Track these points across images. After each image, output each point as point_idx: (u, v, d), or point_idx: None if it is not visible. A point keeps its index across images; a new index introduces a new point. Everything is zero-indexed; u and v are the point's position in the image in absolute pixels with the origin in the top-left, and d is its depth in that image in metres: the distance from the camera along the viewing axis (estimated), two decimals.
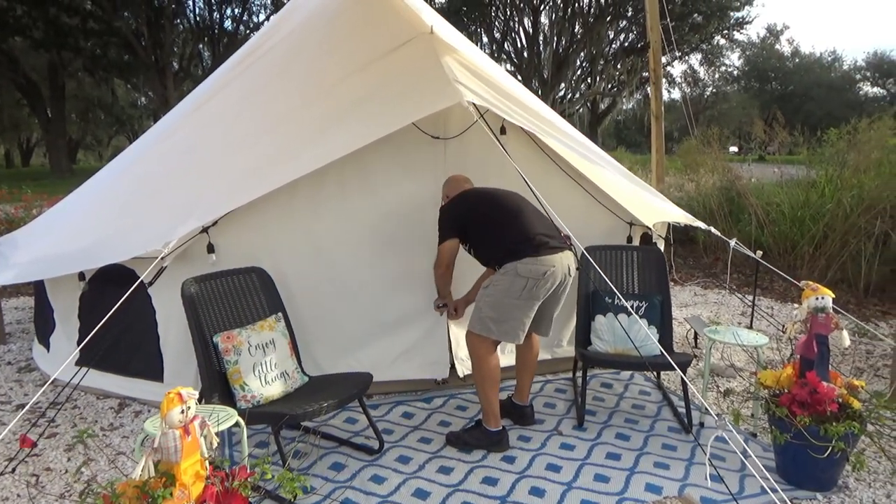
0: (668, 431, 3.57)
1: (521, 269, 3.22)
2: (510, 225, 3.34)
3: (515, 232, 3.31)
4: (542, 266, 3.22)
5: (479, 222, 3.43)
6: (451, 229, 3.47)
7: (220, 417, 2.52)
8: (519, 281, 3.22)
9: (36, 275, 4.10)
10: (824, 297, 3.04)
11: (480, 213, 3.44)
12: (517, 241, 3.28)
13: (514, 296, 3.24)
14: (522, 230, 3.30)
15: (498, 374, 3.33)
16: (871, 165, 7.16)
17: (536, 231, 3.31)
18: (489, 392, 3.30)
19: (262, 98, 4.15)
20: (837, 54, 51.27)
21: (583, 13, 26.37)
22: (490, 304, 3.29)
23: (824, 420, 2.81)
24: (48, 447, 3.38)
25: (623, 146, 37.71)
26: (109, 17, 22.14)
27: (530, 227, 3.32)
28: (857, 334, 5.27)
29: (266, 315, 3.42)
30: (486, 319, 3.28)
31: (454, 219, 3.48)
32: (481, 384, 3.33)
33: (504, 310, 3.26)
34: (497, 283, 3.29)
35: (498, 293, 3.27)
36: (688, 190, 9.74)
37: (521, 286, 3.22)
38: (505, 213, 3.39)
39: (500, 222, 3.37)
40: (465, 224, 3.46)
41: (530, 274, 3.21)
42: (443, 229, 3.50)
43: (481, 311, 3.32)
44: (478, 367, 3.33)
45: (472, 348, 3.34)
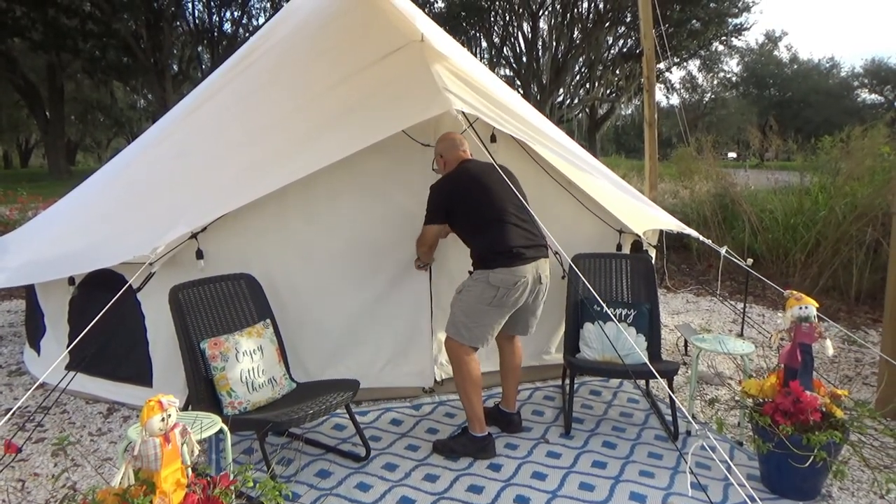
0: (654, 440, 3.58)
1: (493, 278, 3.25)
2: (491, 230, 3.31)
3: (494, 239, 3.29)
4: (514, 276, 3.25)
5: (462, 217, 3.44)
6: (437, 214, 3.50)
7: (204, 424, 2.53)
8: (490, 290, 3.26)
9: (26, 279, 4.10)
10: (808, 307, 3.06)
11: (467, 206, 3.40)
12: (494, 248, 3.29)
13: (486, 302, 3.28)
14: (501, 239, 3.28)
15: (479, 377, 3.34)
16: (864, 173, 7.19)
17: (514, 242, 3.29)
18: (472, 395, 3.32)
19: (253, 104, 4.17)
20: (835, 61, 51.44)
21: (581, 19, 26.47)
22: (462, 310, 3.34)
23: (807, 429, 2.82)
24: (35, 452, 3.38)
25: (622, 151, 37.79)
26: (109, 19, 22.19)
27: (510, 235, 3.30)
28: (845, 342, 5.29)
29: (254, 321, 3.44)
30: (459, 324, 3.33)
31: (442, 204, 3.48)
32: (463, 388, 3.34)
33: (475, 315, 3.31)
34: (469, 288, 3.34)
35: (470, 299, 3.32)
36: (682, 196, 9.76)
37: (491, 294, 3.26)
38: (490, 214, 3.34)
39: (481, 225, 3.35)
40: (451, 211, 3.47)
41: (501, 283, 3.25)
42: (430, 211, 3.52)
43: (455, 315, 3.38)
44: (458, 371, 3.35)
45: (451, 352, 3.38)
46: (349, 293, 3.91)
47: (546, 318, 4.28)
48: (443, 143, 3.64)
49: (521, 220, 3.37)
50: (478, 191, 3.38)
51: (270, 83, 4.22)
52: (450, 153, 3.58)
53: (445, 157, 3.59)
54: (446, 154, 3.59)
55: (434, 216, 3.51)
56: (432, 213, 3.51)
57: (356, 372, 3.84)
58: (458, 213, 3.44)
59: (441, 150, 3.62)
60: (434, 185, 3.55)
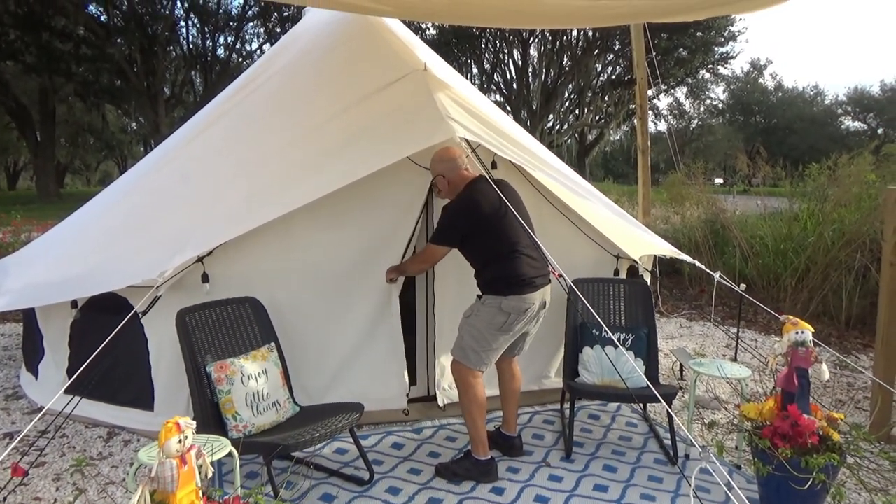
0: (654, 463, 3.62)
1: (505, 305, 3.30)
2: (506, 260, 3.32)
3: (508, 268, 3.31)
4: (525, 304, 3.32)
5: (479, 245, 3.39)
6: (451, 237, 3.42)
7: (214, 447, 2.55)
8: (501, 315, 3.31)
9: (29, 302, 4.11)
10: (804, 332, 3.13)
11: (485, 236, 3.36)
12: (510, 276, 3.31)
13: (496, 328, 3.33)
14: (515, 269, 3.31)
15: (484, 401, 3.37)
16: (851, 200, 7.34)
17: (526, 272, 3.32)
18: (477, 419, 3.35)
19: (256, 130, 4.24)
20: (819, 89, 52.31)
21: (571, 46, 26.91)
22: (472, 335, 3.36)
23: (805, 452, 2.88)
24: (36, 476, 3.38)
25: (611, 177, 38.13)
26: (103, 43, 22.33)
27: (523, 266, 3.32)
28: (838, 367, 5.36)
29: (259, 345, 3.46)
30: (468, 348, 3.36)
31: (460, 229, 3.39)
32: (469, 410, 3.37)
33: (484, 340, 3.35)
34: (479, 313, 3.36)
35: (481, 324, 3.34)
36: (673, 222, 9.89)
37: (502, 320, 3.31)
38: (507, 245, 3.34)
39: (497, 255, 3.35)
40: (467, 237, 3.40)
41: (512, 310, 3.31)
42: (443, 232, 3.43)
43: (463, 339, 3.40)
44: (465, 394, 3.38)
45: (459, 375, 3.40)
46: (352, 317, 3.94)
47: (545, 342, 4.34)
48: (443, 163, 3.47)
49: (531, 249, 3.40)
50: (497, 221, 3.34)
51: (275, 109, 4.29)
52: (454, 174, 3.45)
53: (449, 177, 3.46)
54: (450, 175, 3.45)
55: (447, 238, 3.43)
56: (446, 235, 3.43)
57: (358, 395, 3.85)
58: (475, 240, 3.38)
59: (443, 170, 3.47)
60: (450, 207, 3.45)
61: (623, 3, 3.56)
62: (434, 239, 3.50)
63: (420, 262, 3.75)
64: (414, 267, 3.83)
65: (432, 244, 3.52)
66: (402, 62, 4.22)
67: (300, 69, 4.56)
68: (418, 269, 3.87)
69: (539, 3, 3.42)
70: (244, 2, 25.65)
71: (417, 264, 3.80)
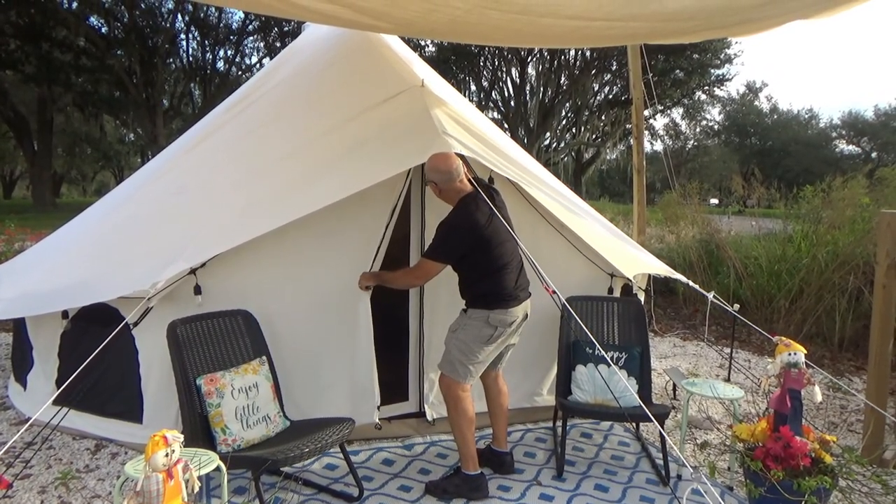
0: (646, 483, 3.60)
1: (492, 318, 3.34)
2: (497, 275, 3.36)
3: (498, 284, 3.36)
4: (511, 317, 3.38)
5: (473, 263, 3.38)
6: (448, 255, 3.37)
7: (202, 461, 2.52)
8: (488, 328, 3.35)
9: (20, 311, 4.08)
10: (797, 353, 3.13)
11: (482, 255, 3.34)
12: (497, 291, 3.36)
13: (483, 341, 3.36)
14: (506, 282, 3.37)
15: (473, 415, 3.38)
16: (845, 222, 7.38)
17: (515, 285, 3.41)
18: (466, 433, 3.35)
19: (253, 143, 4.25)
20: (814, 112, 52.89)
21: (569, 66, 27.14)
22: (459, 349, 3.38)
23: (797, 474, 2.86)
24: (21, 489, 3.33)
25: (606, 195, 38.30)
26: (103, 54, 22.43)
27: (510, 281, 3.39)
28: (830, 389, 5.36)
29: (250, 358, 3.44)
30: (455, 362, 3.38)
31: (457, 249, 3.35)
32: (458, 425, 3.36)
33: (471, 353, 3.37)
34: (466, 327, 3.38)
35: (468, 338, 3.37)
36: (668, 242, 9.91)
37: (489, 334, 3.35)
38: (499, 263, 3.35)
39: (490, 272, 3.36)
40: (464, 257, 3.36)
41: (499, 324, 3.35)
42: (439, 249, 3.36)
43: (451, 353, 3.41)
44: (453, 409, 3.38)
45: (447, 390, 3.40)
46: (343, 330, 3.92)
47: (537, 360, 4.34)
48: (437, 173, 3.38)
49: (517, 264, 3.47)
50: (493, 241, 3.33)
51: (272, 122, 4.30)
52: (447, 185, 3.38)
53: (442, 187, 3.40)
54: (442, 185, 3.39)
55: (444, 256, 3.36)
56: (443, 252, 3.36)
57: (349, 411, 3.82)
58: (471, 259, 3.36)
59: (436, 180, 3.39)
60: (448, 224, 3.36)
61: (619, 24, 3.59)
62: (431, 255, 3.39)
63: (413, 277, 3.59)
64: (404, 281, 3.69)
65: (429, 260, 3.39)
66: (400, 78, 4.25)
67: (298, 83, 4.58)
68: (408, 283, 3.74)
69: (537, 22, 3.45)
70: (245, 16, 25.82)
71: (409, 279, 3.65)
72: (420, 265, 3.48)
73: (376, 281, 3.69)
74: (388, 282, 3.67)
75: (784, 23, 3.71)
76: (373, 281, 3.69)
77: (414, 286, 3.78)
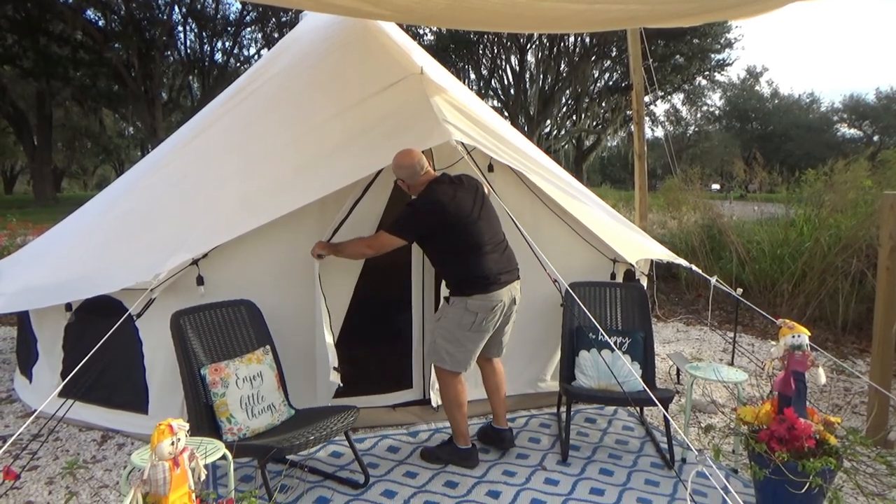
0: (650, 467, 3.61)
1: (471, 304, 3.37)
2: (467, 259, 3.37)
3: (470, 267, 3.37)
4: (491, 302, 3.38)
5: (439, 244, 3.44)
6: (410, 232, 3.41)
7: (208, 450, 2.53)
8: (468, 315, 3.38)
9: (23, 305, 4.09)
10: (800, 336, 3.12)
11: (446, 236, 3.39)
12: (475, 275, 3.37)
13: (465, 328, 3.40)
14: (477, 267, 3.36)
15: (464, 398, 3.53)
16: (847, 206, 7.36)
17: (489, 270, 3.38)
18: (457, 415, 3.53)
19: (253, 133, 4.23)
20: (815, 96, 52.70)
21: (568, 52, 26.98)
22: (444, 337, 3.45)
23: (802, 456, 2.86)
24: (29, 480, 3.35)
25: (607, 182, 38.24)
26: (100, 48, 22.32)
27: (486, 264, 3.37)
28: (834, 372, 5.36)
29: (254, 347, 3.45)
30: (442, 351, 3.46)
31: (420, 227, 3.40)
32: (449, 408, 3.55)
33: (456, 341, 3.43)
34: (448, 315, 3.44)
35: (450, 325, 3.42)
36: (670, 227, 9.89)
37: (470, 320, 3.38)
38: (468, 244, 3.38)
39: (458, 254, 3.39)
40: (427, 237, 3.42)
41: (479, 309, 3.37)
42: (401, 225, 3.38)
43: (436, 343, 3.49)
44: (444, 394, 3.55)
45: (439, 376, 3.55)
46: (346, 320, 3.92)
47: (540, 346, 4.34)
48: (402, 170, 3.47)
49: (495, 247, 3.46)
50: (459, 221, 3.36)
51: (272, 112, 4.29)
52: (413, 179, 3.46)
53: (409, 182, 3.49)
54: (409, 180, 3.48)
55: (405, 232, 3.39)
56: (405, 229, 3.39)
57: (352, 399, 3.83)
58: (436, 239, 3.42)
59: (403, 176, 3.49)
60: (414, 204, 3.44)
61: (619, 7, 3.57)
62: (391, 229, 3.39)
63: (365, 245, 3.48)
64: (356, 249, 3.54)
65: (387, 233, 3.39)
66: (399, 66, 4.22)
67: (297, 73, 4.56)
68: (360, 252, 3.56)
69: (536, 6, 3.43)
70: (242, 7, 25.71)
71: (361, 247, 3.51)
72: (377, 236, 3.49)
73: (329, 251, 3.59)
74: (341, 251, 3.58)
75: (784, 4, 3.68)
76: (326, 250, 3.58)
77: (365, 256, 3.60)
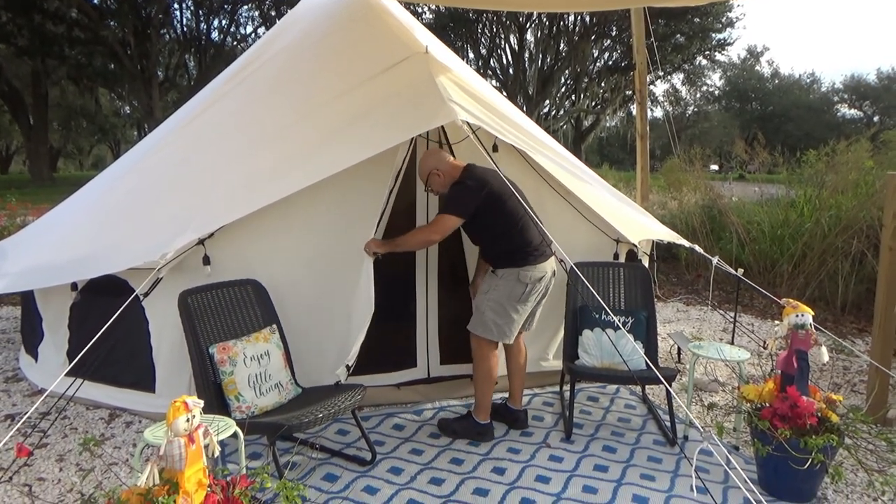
0: (653, 444, 3.65)
1: (522, 275, 3.46)
2: (518, 229, 3.50)
3: (521, 238, 3.50)
4: (540, 272, 3.51)
5: (490, 218, 3.48)
6: (467, 208, 3.43)
7: (220, 427, 2.56)
8: (519, 287, 3.47)
9: (28, 284, 4.10)
10: (804, 315, 3.15)
11: (499, 206, 3.45)
12: (522, 247, 3.49)
13: (515, 299, 3.48)
14: (527, 237, 3.51)
15: (496, 373, 3.59)
16: (848, 186, 7.37)
17: (536, 240, 3.53)
18: (485, 388, 3.58)
19: (257, 112, 4.21)
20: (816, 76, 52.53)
21: (568, 32, 26.76)
22: (493, 308, 3.50)
23: (804, 433, 2.91)
24: (39, 457, 3.38)
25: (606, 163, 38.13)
26: (96, 25, 22.08)
27: (532, 234, 3.52)
28: (834, 351, 5.41)
29: (261, 327, 3.47)
30: (489, 322, 3.50)
31: (474, 200, 3.43)
32: (480, 380, 3.59)
33: (505, 313, 3.49)
34: (498, 287, 3.50)
35: (501, 297, 3.49)
36: (671, 208, 9.90)
37: (521, 291, 3.47)
38: (516, 214, 3.48)
39: (511, 223, 3.49)
40: (479, 210, 3.44)
41: (529, 280, 3.47)
42: (458, 204, 3.43)
43: (484, 314, 3.52)
44: (479, 366, 3.57)
45: (476, 348, 3.56)
46: (351, 299, 3.93)
47: (544, 325, 4.36)
48: (431, 158, 3.60)
49: (528, 222, 3.55)
50: (502, 195, 3.46)
51: (275, 91, 4.26)
52: (444, 164, 3.57)
53: (442, 169, 3.57)
54: (441, 166, 3.57)
55: (462, 209, 3.42)
56: (460, 207, 3.42)
57: (358, 378, 3.86)
58: (485, 217, 3.47)
59: (434, 164, 3.58)
60: (457, 184, 3.50)
61: None
62: (448, 210, 3.44)
63: (430, 231, 3.48)
64: (420, 237, 3.56)
65: (446, 214, 3.43)
66: (403, 45, 4.19)
67: (300, 51, 4.52)
68: (426, 240, 3.56)
69: None
70: None
71: (427, 234, 3.51)
72: (438, 220, 3.48)
73: (388, 248, 3.56)
74: (402, 245, 3.55)
75: None
76: (383, 248, 3.56)
77: (432, 242, 3.62)
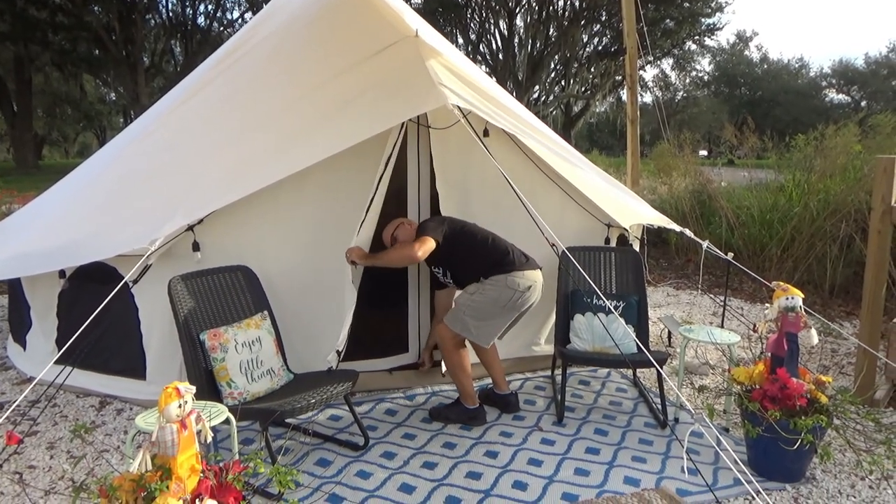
0: (644, 427, 3.68)
1: (510, 281, 3.46)
2: (491, 240, 3.62)
3: (499, 248, 3.59)
4: (528, 280, 3.51)
5: (464, 235, 3.62)
6: (437, 232, 3.54)
7: (212, 413, 2.55)
8: (507, 292, 3.47)
9: (15, 272, 4.05)
10: (794, 297, 3.17)
11: (464, 226, 3.68)
12: (503, 254, 3.55)
13: (500, 305, 3.49)
14: (505, 247, 3.61)
15: (467, 362, 3.62)
16: (836, 171, 7.40)
17: (514, 249, 3.62)
18: (462, 378, 3.61)
19: (245, 97, 4.17)
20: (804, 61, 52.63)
21: (557, 17, 26.63)
22: (474, 309, 3.50)
23: (794, 414, 2.94)
24: (30, 445, 3.37)
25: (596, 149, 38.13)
26: (79, 11, 21.73)
27: (506, 245, 3.63)
28: (823, 333, 5.46)
29: (252, 313, 3.45)
30: (468, 320, 3.50)
31: (441, 225, 3.59)
32: (454, 372, 3.63)
33: (487, 317, 3.50)
34: (485, 291, 3.50)
35: (485, 301, 3.49)
36: (660, 193, 9.93)
37: (507, 297, 3.47)
38: (483, 231, 3.71)
39: (483, 236, 3.64)
40: (451, 233, 3.56)
41: (517, 287, 3.47)
42: (429, 229, 3.55)
43: (463, 312, 3.51)
44: (448, 358, 3.60)
45: (443, 340, 3.57)
46: (340, 285, 3.91)
47: (535, 310, 4.33)
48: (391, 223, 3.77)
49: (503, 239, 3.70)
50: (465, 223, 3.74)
51: (264, 76, 4.22)
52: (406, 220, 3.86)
53: (406, 222, 3.80)
54: (402, 235, 3.70)
55: (434, 233, 3.52)
56: (433, 230, 3.53)
57: (350, 363, 3.85)
58: (457, 235, 3.59)
59: (396, 223, 3.77)
60: (423, 222, 3.72)
61: None
62: (423, 234, 3.51)
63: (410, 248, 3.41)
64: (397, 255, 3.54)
65: (424, 236, 3.47)
66: (393, 29, 4.14)
67: (288, 36, 4.47)
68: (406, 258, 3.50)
69: None
70: None
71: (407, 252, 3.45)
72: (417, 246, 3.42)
73: (368, 262, 3.56)
74: (382, 259, 3.54)
75: None
76: (363, 262, 3.56)
77: (413, 259, 3.43)
